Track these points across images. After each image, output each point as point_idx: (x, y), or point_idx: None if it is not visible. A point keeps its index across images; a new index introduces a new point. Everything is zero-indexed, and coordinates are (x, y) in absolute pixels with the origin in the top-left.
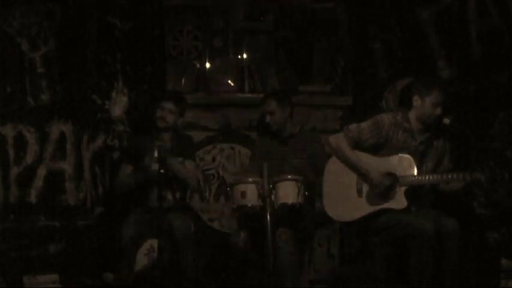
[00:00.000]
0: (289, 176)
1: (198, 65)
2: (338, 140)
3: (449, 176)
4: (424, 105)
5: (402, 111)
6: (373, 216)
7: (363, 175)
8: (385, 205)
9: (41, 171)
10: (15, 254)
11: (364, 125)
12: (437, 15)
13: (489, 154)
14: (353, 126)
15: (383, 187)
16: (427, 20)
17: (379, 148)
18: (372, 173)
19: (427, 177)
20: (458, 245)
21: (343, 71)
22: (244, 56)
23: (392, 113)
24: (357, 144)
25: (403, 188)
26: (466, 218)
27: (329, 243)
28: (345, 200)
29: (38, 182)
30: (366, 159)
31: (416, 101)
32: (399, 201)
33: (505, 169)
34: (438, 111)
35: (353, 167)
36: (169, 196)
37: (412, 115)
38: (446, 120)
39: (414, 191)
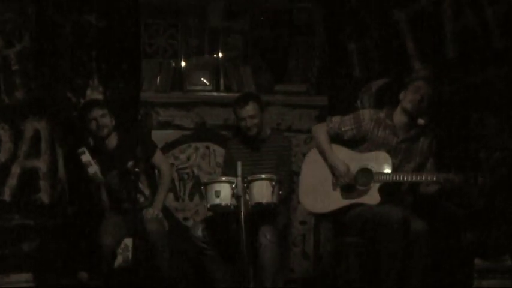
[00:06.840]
0: (263, 176)
1: (173, 64)
2: (318, 129)
3: (423, 177)
4: (406, 94)
5: (388, 109)
6: (345, 209)
7: (330, 166)
8: (359, 200)
9: (15, 169)
10: None
11: (346, 117)
12: (413, 16)
13: (463, 155)
14: (336, 118)
15: (345, 179)
16: (403, 20)
17: (358, 143)
18: (338, 165)
19: (401, 176)
20: (427, 247)
21: (319, 71)
22: (220, 55)
23: (377, 110)
24: (337, 136)
25: (377, 184)
26: (440, 219)
27: (304, 243)
28: (320, 191)
29: (12, 180)
30: (342, 152)
31: (402, 95)
32: (372, 196)
33: (478, 170)
34: (418, 96)
35: (323, 155)
36: (142, 198)
37: (397, 111)
38: (421, 121)
39: (388, 188)
